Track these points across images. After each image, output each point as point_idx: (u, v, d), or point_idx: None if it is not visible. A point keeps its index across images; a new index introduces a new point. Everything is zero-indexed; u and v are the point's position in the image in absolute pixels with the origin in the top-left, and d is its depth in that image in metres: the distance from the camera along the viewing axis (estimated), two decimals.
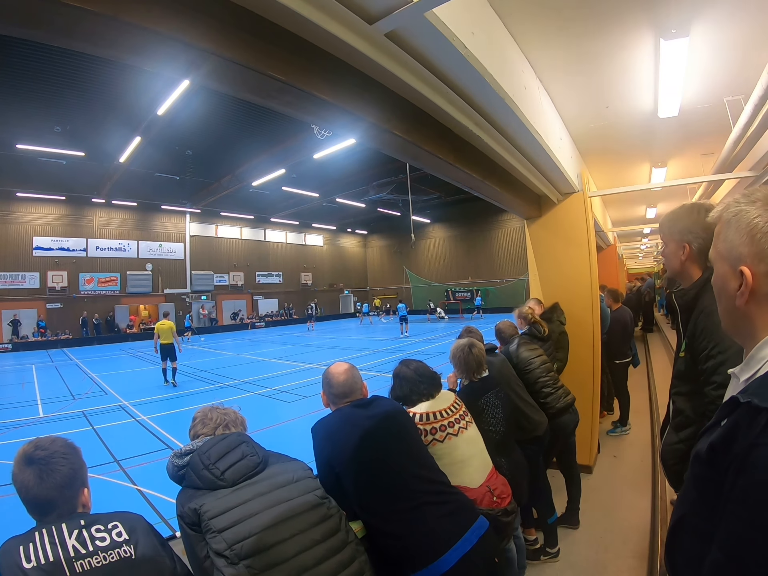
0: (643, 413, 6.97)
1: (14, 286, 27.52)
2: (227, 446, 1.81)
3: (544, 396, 3.76)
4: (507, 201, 4.74)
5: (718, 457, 0.86)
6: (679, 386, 2.08)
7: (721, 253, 1.05)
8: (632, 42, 3.52)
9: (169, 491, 5.33)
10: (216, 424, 1.95)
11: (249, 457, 1.80)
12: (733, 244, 1.00)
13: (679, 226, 1.99)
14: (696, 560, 0.90)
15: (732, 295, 1.02)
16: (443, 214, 41.80)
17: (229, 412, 2.03)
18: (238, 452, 1.80)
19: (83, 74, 14.88)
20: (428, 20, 1.86)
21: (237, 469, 1.75)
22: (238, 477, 1.73)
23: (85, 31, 1.53)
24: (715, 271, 1.09)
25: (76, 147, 20.43)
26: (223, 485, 1.69)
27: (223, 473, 1.72)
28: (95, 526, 1.42)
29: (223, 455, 1.77)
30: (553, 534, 3.65)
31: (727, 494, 0.80)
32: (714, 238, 1.10)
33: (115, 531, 1.43)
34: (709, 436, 0.93)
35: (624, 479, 4.91)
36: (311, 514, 1.72)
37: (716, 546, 0.81)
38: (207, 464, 1.73)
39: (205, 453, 1.77)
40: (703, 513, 0.93)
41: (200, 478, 1.72)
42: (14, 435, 8.42)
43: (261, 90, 2.05)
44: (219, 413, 2.00)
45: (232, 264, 38.55)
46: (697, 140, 6.31)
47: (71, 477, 1.50)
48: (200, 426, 1.96)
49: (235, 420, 2.01)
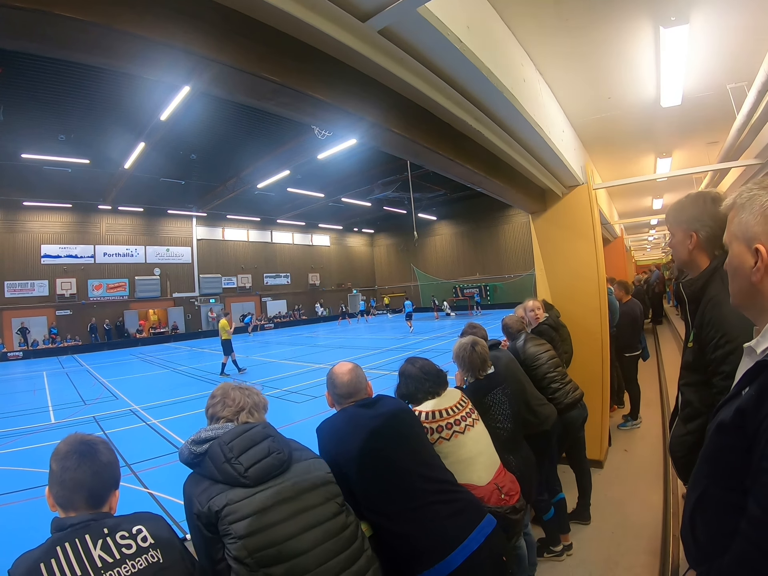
0: (653, 406, 6.92)
1: (23, 295, 27.69)
2: (252, 440, 1.70)
3: (552, 391, 3.74)
4: (511, 196, 4.72)
5: (747, 420, 0.92)
6: (687, 377, 2.06)
7: (736, 234, 1.14)
8: (631, 31, 3.49)
9: (180, 494, 5.36)
10: (238, 407, 1.83)
11: (275, 455, 1.70)
12: (748, 225, 1.10)
13: (685, 215, 1.97)
14: (720, 533, 0.97)
15: (747, 272, 1.10)
16: (449, 210, 41.66)
17: (252, 393, 1.92)
18: (263, 447, 1.70)
19: (85, 82, 14.93)
20: (421, 15, 1.84)
21: (262, 467, 1.65)
22: (262, 476, 1.64)
23: (79, 41, 1.54)
24: (731, 251, 1.17)
25: (81, 155, 20.48)
26: (245, 483, 1.60)
27: (246, 470, 1.62)
28: (119, 532, 1.36)
29: (247, 449, 1.66)
30: (554, 531, 3.61)
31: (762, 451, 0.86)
32: (728, 222, 1.19)
33: (140, 536, 1.38)
34: (730, 406, 1.01)
35: (635, 474, 4.88)
36: (333, 523, 1.67)
37: (753, 502, 0.87)
38: (229, 457, 1.63)
39: (228, 444, 1.67)
40: (726, 484, 0.99)
41: (220, 471, 1.62)
42: (27, 441, 8.49)
43: (255, 92, 2.05)
44: (241, 394, 1.88)
45: (240, 266, 38.64)
46: (701, 129, 6.26)
47: (110, 469, 1.48)
48: (220, 407, 1.84)
49: (257, 403, 1.90)
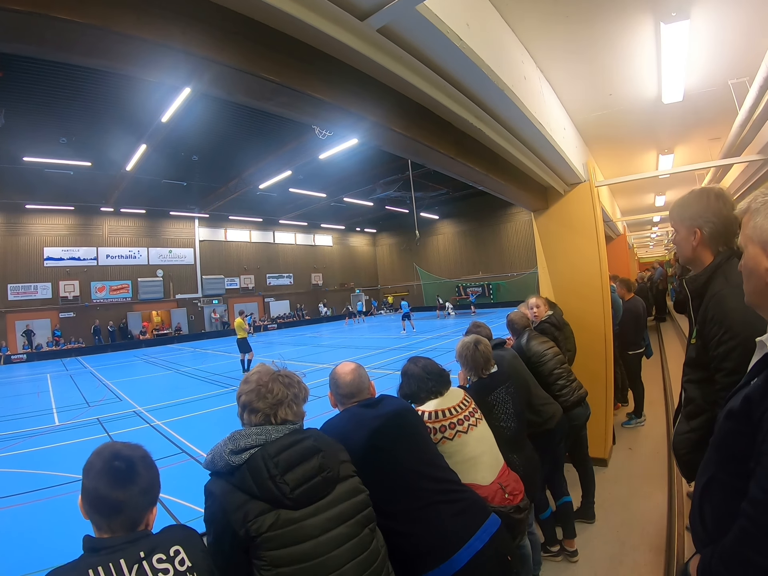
0: (657, 404, 6.91)
1: (27, 297, 27.82)
2: (301, 455, 1.54)
3: (558, 389, 3.74)
4: (512, 194, 4.70)
5: (753, 407, 0.99)
6: (690, 374, 2.06)
7: (751, 237, 1.18)
8: (632, 27, 3.47)
9: (185, 495, 5.37)
10: (276, 399, 1.62)
11: (325, 474, 1.55)
12: (763, 228, 1.14)
13: (689, 211, 1.97)
14: (726, 516, 1.03)
15: (762, 273, 1.14)
16: (451, 209, 41.65)
17: (293, 381, 1.71)
18: (313, 465, 1.54)
19: (86, 85, 14.95)
20: (420, 14, 1.83)
21: (310, 489, 1.50)
22: (308, 499, 1.49)
23: (77, 43, 1.53)
24: (745, 253, 1.21)
25: (82, 157, 20.56)
26: (288, 505, 1.46)
27: (292, 491, 1.46)
28: (156, 555, 1.25)
29: (294, 466, 1.51)
30: (551, 531, 3.59)
31: (765, 435, 0.92)
32: (742, 226, 1.23)
33: (177, 558, 1.28)
34: (740, 395, 1.08)
35: (640, 472, 4.87)
36: (369, 554, 1.57)
37: (754, 484, 0.93)
38: (273, 474, 1.47)
39: (273, 458, 1.49)
40: (732, 469, 1.06)
41: (259, 487, 1.45)
42: (31, 444, 8.52)
43: (255, 93, 2.04)
44: (281, 383, 1.65)
45: (243, 267, 38.73)
46: (703, 125, 6.23)
47: (149, 490, 1.34)
48: (255, 396, 1.61)
49: (298, 394, 1.70)
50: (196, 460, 6.82)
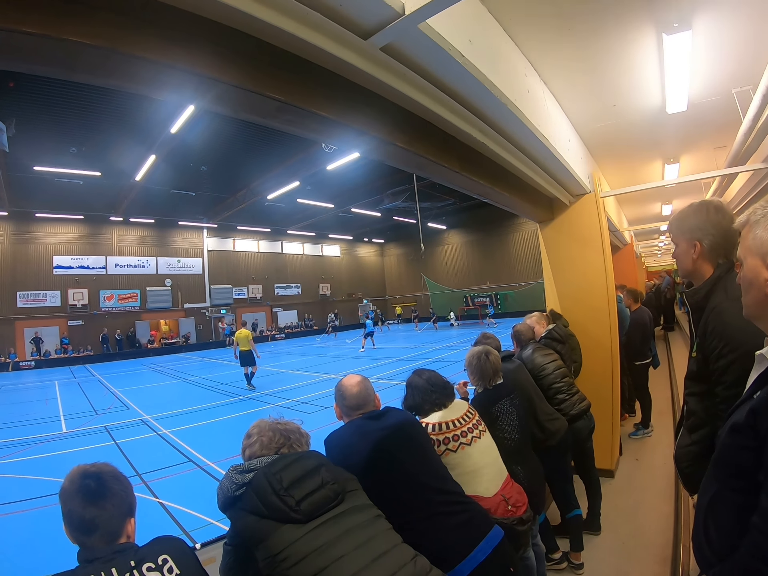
0: (665, 414, 6.86)
1: (36, 305, 28.05)
2: (303, 469, 1.57)
3: (558, 402, 3.74)
4: (518, 206, 4.73)
5: (759, 420, 0.98)
6: (691, 387, 2.05)
7: (751, 248, 1.18)
8: (634, 38, 3.50)
9: (192, 504, 5.39)
10: (278, 443, 1.68)
11: (329, 486, 1.56)
12: (763, 240, 1.14)
13: (688, 224, 1.97)
14: (732, 533, 1.02)
15: (762, 285, 1.14)
16: (459, 219, 41.57)
17: (292, 428, 1.76)
18: (315, 478, 1.56)
19: (96, 96, 15.09)
20: (423, 32, 1.86)
21: (315, 500, 1.50)
22: (315, 510, 1.49)
23: (85, 63, 1.58)
24: (744, 265, 1.22)
25: (92, 167, 20.73)
26: (296, 519, 1.46)
27: (298, 503, 1.47)
28: (145, 564, 1.30)
29: (297, 480, 1.53)
30: (549, 536, 3.57)
31: None
32: (742, 238, 1.24)
33: (166, 567, 1.32)
34: (743, 409, 1.07)
35: (646, 483, 4.83)
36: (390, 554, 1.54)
37: (765, 496, 0.91)
38: (277, 489, 1.48)
39: (275, 474, 1.52)
40: (738, 485, 1.05)
41: (266, 505, 1.47)
42: (39, 450, 8.57)
43: (260, 110, 2.09)
44: (280, 431, 1.72)
45: (251, 277, 38.85)
46: (708, 134, 6.23)
47: (119, 501, 1.39)
48: (258, 447, 1.67)
49: (299, 439, 1.74)
50: (203, 469, 6.83)
